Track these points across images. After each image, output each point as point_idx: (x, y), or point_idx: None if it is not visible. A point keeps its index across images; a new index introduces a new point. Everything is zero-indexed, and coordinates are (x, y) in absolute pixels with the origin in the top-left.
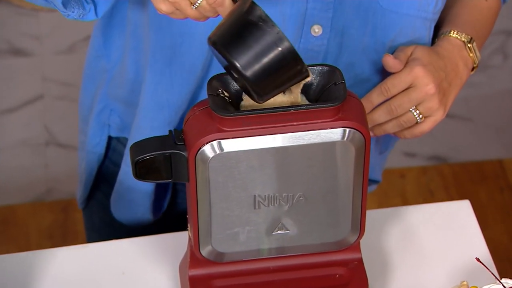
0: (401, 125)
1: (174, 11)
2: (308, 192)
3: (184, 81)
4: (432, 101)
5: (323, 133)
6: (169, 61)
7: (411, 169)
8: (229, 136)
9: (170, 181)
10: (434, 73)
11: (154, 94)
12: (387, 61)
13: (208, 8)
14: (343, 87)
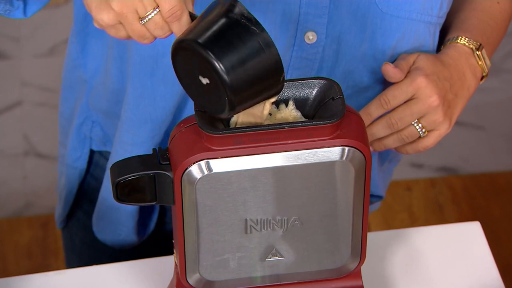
0: (402, 140)
1: (116, 25)
2: (304, 216)
3: (168, 95)
4: (436, 114)
5: (321, 152)
6: (150, 73)
7: (418, 181)
8: (218, 155)
9: (155, 203)
10: (438, 84)
11: (136, 107)
12: (386, 70)
13: (160, 24)
14: (342, 102)
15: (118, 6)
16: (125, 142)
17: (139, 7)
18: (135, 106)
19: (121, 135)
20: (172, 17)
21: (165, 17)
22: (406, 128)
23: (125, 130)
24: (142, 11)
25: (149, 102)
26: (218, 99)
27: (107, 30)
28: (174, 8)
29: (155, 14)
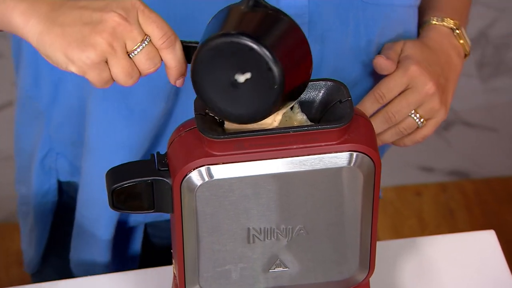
0: (400, 133)
1: (100, 64)
2: (309, 225)
3: (145, 116)
4: (432, 101)
5: (327, 157)
6: (124, 93)
7: (429, 185)
8: (220, 161)
9: (152, 211)
10: (430, 70)
11: (107, 133)
12: (379, 62)
13: (152, 54)
14: (350, 105)
15: (108, 38)
16: (95, 172)
17: (129, 39)
18: (107, 132)
19: (93, 163)
20: (167, 43)
21: (158, 44)
22: (404, 120)
23: (96, 159)
24: (131, 43)
25: (123, 127)
26: (259, 96)
27: (88, 72)
28: (167, 34)
29: (146, 44)
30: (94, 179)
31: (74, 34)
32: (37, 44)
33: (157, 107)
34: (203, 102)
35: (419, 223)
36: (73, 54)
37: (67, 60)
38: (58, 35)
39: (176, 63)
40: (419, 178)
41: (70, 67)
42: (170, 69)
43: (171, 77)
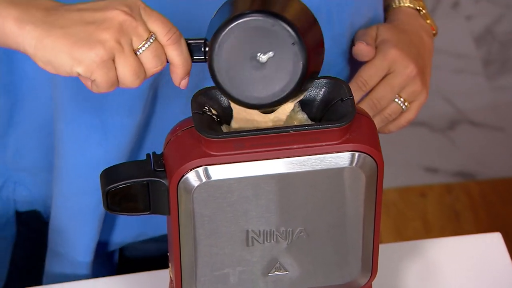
0: (386, 119)
1: (107, 62)
2: (310, 227)
3: (121, 129)
4: (415, 83)
5: (329, 158)
6: (97, 106)
7: (433, 187)
8: (218, 161)
9: (148, 213)
10: (408, 52)
11: (81, 151)
12: (360, 48)
13: (159, 52)
14: (352, 104)
15: (115, 34)
16: (71, 194)
17: (135, 35)
18: (81, 149)
19: (66, 187)
20: (172, 39)
21: (164, 41)
22: (389, 106)
23: (71, 180)
24: (138, 40)
25: (99, 142)
26: (283, 75)
27: (96, 71)
28: (171, 30)
29: (152, 41)
30: (68, 204)
31: (78, 34)
32: (36, 50)
33: (133, 118)
34: (220, 90)
35: (423, 225)
36: (81, 53)
37: (72, 61)
38: (59, 37)
39: (183, 60)
40: (423, 179)
41: (76, 68)
42: (176, 67)
43: (177, 76)
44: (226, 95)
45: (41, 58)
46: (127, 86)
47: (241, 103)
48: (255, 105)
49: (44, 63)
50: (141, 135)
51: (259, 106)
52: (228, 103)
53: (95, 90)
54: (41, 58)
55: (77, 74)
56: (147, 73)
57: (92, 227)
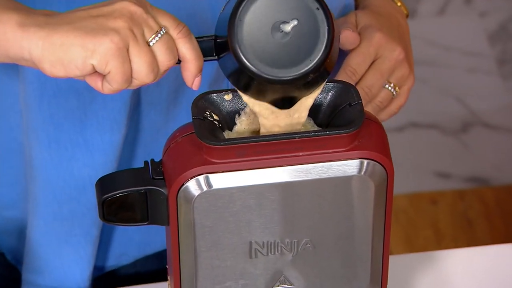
0: (377, 107)
1: (122, 50)
2: (316, 238)
3: (108, 144)
4: (403, 67)
5: (336, 165)
6: (77, 124)
7: (445, 193)
8: (219, 169)
9: (146, 223)
10: (392, 36)
11: (66, 174)
12: (347, 36)
13: (171, 44)
14: (360, 109)
15: (128, 22)
16: (58, 220)
17: (146, 27)
18: (63, 172)
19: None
20: (183, 31)
21: (174, 34)
22: (379, 93)
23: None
24: (149, 31)
25: (85, 163)
26: (309, 43)
27: (112, 61)
28: (181, 24)
29: (163, 34)
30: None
31: (89, 26)
32: (43, 50)
33: (118, 132)
34: (245, 69)
35: (435, 234)
36: (94, 42)
37: (85, 53)
38: (69, 31)
39: (195, 54)
40: (435, 185)
41: (90, 59)
42: (189, 63)
43: (189, 74)
44: (251, 73)
45: (50, 57)
46: (142, 81)
47: (268, 80)
48: (283, 80)
49: (52, 64)
50: (129, 153)
51: (287, 81)
52: (230, 107)
53: (107, 90)
54: (49, 58)
55: (91, 69)
56: (161, 67)
57: (86, 252)
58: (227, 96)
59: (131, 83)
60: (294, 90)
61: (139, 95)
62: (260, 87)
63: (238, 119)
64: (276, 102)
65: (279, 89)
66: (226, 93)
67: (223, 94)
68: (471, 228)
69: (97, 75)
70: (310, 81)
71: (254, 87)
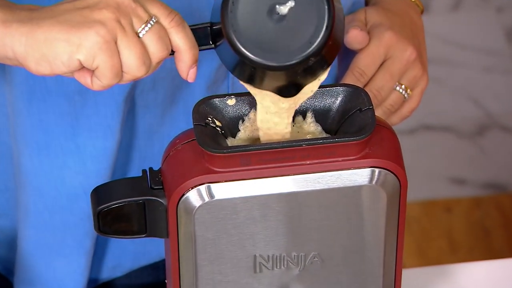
0: (388, 111)
1: (109, 43)
2: (325, 252)
3: (102, 150)
4: (415, 68)
5: (346, 174)
6: (68, 129)
7: (460, 200)
8: (222, 178)
9: (144, 236)
10: (404, 34)
11: (57, 183)
12: (355, 35)
13: (162, 34)
14: (371, 114)
15: (115, 12)
16: (50, 230)
17: (135, 17)
18: (54, 181)
19: (41, 225)
20: (176, 20)
21: (166, 23)
22: (390, 96)
23: (42, 220)
24: (138, 22)
25: (78, 171)
26: (307, 25)
27: (99, 55)
28: (173, 12)
29: (154, 23)
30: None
31: (73, 18)
32: (26, 46)
33: (112, 138)
34: (241, 56)
35: (449, 244)
36: (79, 36)
37: (71, 47)
38: (53, 25)
39: (189, 43)
40: (449, 192)
41: (76, 54)
42: (183, 53)
43: (184, 65)
44: (249, 60)
45: (34, 54)
46: (133, 74)
47: (266, 67)
48: (282, 66)
49: (37, 62)
50: (124, 157)
51: (286, 67)
52: (233, 113)
53: (97, 86)
54: (33, 55)
55: (77, 64)
56: (152, 59)
57: (79, 264)
58: (230, 101)
59: (122, 78)
60: (297, 76)
61: (133, 99)
62: (261, 75)
63: (242, 126)
64: (280, 90)
65: (280, 76)
66: (229, 98)
67: (226, 98)
68: (488, 238)
69: (85, 70)
70: (313, 66)
71: (254, 75)
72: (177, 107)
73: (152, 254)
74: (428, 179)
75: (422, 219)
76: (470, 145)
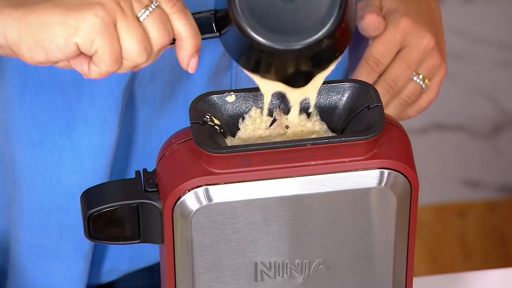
0: (405, 102)
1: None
2: (331, 259)
3: (99, 148)
4: (433, 56)
5: (353, 176)
6: (63, 125)
7: (474, 204)
8: (221, 180)
9: (137, 242)
10: (421, 21)
11: (52, 181)
12: (371, 21)
13: (164, 19)
14: (380, 112)
15: None
16: (45, 233)
17: (135, 1)
18: (49, 180)
19: (37, 227)
20: (177, 5)
21: (168, 8)
22: (406, 87)
23: (38, 221)
24: (138, 5)
25: (73, 169)
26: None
27: (98, 39)
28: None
29: (155, 7)
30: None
31: (70, 1)
32: (19, 32)
33: (110, 134)
34: (249, 38)
35: (463, 251)
36: (76, 18)
37: (67, 31)
38: (48, 8)
39: (192, 30)
40: (463, 195)
41: (74, 37)
42: (184, 41)
43: (185, 53)
44: (257, 44)
45: (27, 40)
46: (134, 61)
47: (277, 51)
48: (295, 49)
49: (30, 48)
50: (122, 153)
51: (298, 50)
52: (233, 111)
53: (95, 73)
54: (27, 41)
55: (75, 49)
56: (154, 45)
57: (77, 268)
58: (229, 97)
59: (122, 65)
60: (307, 63)
61: (132, 91)
62: (270, 62)
63: (242, 124)
64: (289, 80)
65: (291, 61)
66: (229, 94)
67: (225, 95)
68: (504, 244)
69: (82, 57)
70: (325, 51)
71: (263, 63)
72: (177, 99)
73: (150, 257)
74: (440, 181)
75: (433, 224)
76: (484, 145)
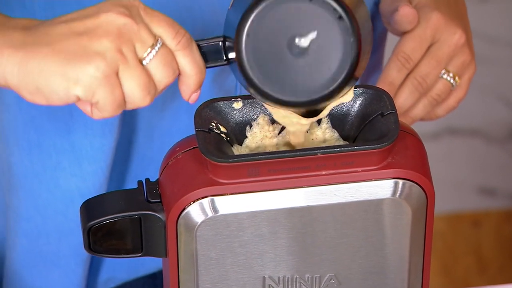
0: (434, 101)
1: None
2: (342, 273)
3: (99, 150)
4: (463, 53)
5: (366, 186)
6: (62, 127)
7: (490, 213)
8: (227, 191)
9: (140, 255)
10: (451, 16)
11: (50, 184)
12: (406, 14)
13: (169, 59)
14: (395, 120)
15: (115, 41)
16: (43, 238)
17: (138, 41)
18: (47, 182)
19: (35, 232)
20: (183, 42)
21: (173, 45)
22: (435, 85)
23: (36, 226)
24: (142, 47)
25: (72, 173)
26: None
27: (99, 91)
28: (180, 32)
29: (159, 47)
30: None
31: (70, 48)
32: (19, 78)
33: (110, 136)
34: (256, 91)
35: (477, 263)
36: (76, 70)
37: (67, 83)
38: (47, 55)
39: (196, 68)
40: (478, 203)
41: (74, 90)
42: (188, 77)
43: (187, 89)
44: (265, 96)
45: (27, 87)
46: (137, 105)
47: (285, 103)
48: (302, 103)
49: (31, 94)
50: (123, 156)
51: (306, 104)
52: (240, 118)
53: (98, 116)
54: (27, 87)
55: (75, 99)
56: (158, 86)
57: (76, 275)
58: (236, 104)
59: (125, 107)
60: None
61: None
62: None
63: (249, 132)
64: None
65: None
66: (236, 101)
67: (232, 101)
68: None
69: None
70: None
71: None
72: (179, 99)
73: (151, 265)
74: (453, 189)
75: (447, 234)
76: (500, 150)
